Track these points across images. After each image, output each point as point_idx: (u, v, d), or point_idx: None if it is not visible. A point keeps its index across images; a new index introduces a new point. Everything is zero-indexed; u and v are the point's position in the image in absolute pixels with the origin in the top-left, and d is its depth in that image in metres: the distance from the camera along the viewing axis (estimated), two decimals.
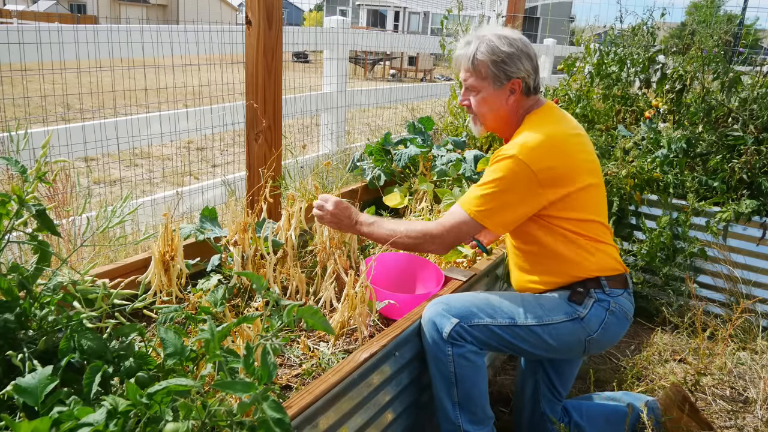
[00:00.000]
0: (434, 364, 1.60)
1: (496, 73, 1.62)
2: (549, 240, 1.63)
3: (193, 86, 3.21)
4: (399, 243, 1.69)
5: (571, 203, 1.59)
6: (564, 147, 1.59)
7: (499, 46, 1.61)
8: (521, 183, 1.54)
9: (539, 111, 1.67)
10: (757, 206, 2.65)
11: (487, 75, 1.64)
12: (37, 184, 1.19)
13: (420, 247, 1.72)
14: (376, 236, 1.72)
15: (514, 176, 1.54)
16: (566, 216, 1.60)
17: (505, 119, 1.70)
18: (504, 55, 1.61)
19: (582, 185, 1.59)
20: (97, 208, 2.50)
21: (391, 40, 6.10)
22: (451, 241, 1.65)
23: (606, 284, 1.62)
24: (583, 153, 1.64)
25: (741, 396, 2.18)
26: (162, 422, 0.94)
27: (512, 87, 1.65)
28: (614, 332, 1.63)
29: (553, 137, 1.58)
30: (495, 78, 1.63)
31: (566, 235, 1.61)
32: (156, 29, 2.74)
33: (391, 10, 30.18)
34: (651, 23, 3.61)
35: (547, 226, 1.62)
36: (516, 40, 1.64)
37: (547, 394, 1.82)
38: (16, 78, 2.52)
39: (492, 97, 1.66)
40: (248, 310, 1.80)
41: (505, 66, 1.62)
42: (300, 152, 3.01)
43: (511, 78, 1.63)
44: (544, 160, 1.54)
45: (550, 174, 1.54)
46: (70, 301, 1.21)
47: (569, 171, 1.57)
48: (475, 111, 1.71)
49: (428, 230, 1.65)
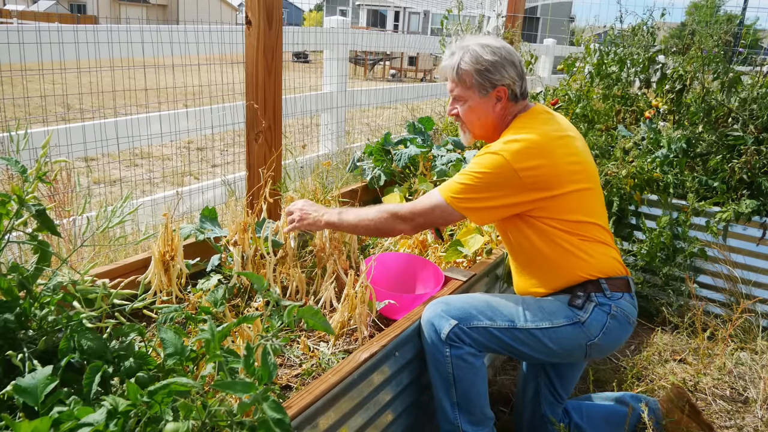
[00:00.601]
0: (433, 365, 1.60)
1: (481, 81, 1.65)
2: (544, 241, 1.62)
3: (193, 86, 3.21)
4: (370, 225, 1.69)
5: (561, 205, 1.59)
6: (547, 148, 1.58)
7: (482, 55, 1.64)
8: (502, 179, 1.55)
9: (525, 114, 1.68)
10: (757, 206, 2.65)
11: (472, 84, 1.66)
12: (37, 184, 1.19)
13: (388, 227, 1.69)
14: (347, 223, 1.72)
15: (497, 172, 1.55)
16: (558, 217, 1.59)
17: (493, 126, 1.71)
18: (488, 64, 1.63)
19: (573, 188, 1.59)
20: (97, 208, 2.50)
21: (391, 40, 6.10)
22: (421, 223, 1.65)
23: (607, 287, 1.61)
24: (571, 155, 1.62)
25: (741, 396, 2.18)
26: (162, 422, 0.94)
27: (498, 95, 1.66)
28: (616, 337, 1.61)
29: (536, 138, 1.58)
30: (480, 87, 1.65)
31: (560, 236, 1.60)
32: (156, 29, 2.74)
33: (391, 10, 30.18)
34: (651, 23, 3.61)
35: (540, 227, 1.61)
36: (499, 48, 1.66)
37: (549, 397, 1.82)
38: (16, 78, 2.52)
39: (478, 106, 1.68)
40: (248, 310, 1.80)
41: (489, 74, 1.64)
42: (300, 152, 3.01)
43: (496, 86, 1.65)
44: (526, 160, 1.54)
45: (533, 173, 1.54)
46: (70, 301, 1.21)
47: (553, 172, 1.57)
48: (464, 120, 1.73)
49: (397, 210, 1.66)
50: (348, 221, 1.72)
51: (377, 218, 1.68)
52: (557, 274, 1.64)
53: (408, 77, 16.98)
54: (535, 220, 1.61)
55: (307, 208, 1.79)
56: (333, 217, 1.74)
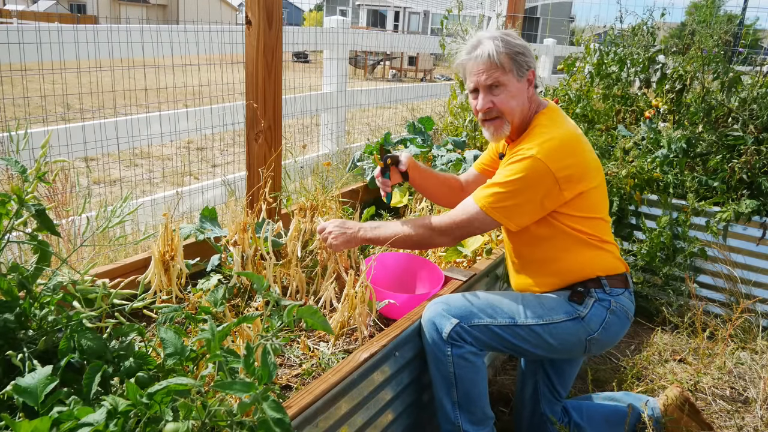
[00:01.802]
0: (434, 364, 1.60)
1: (519, 64, 1.63)
2: (553, 239, 1.63)
3: (193, 86, 3.21)
4: (408, 241, 1.69)
5: (582, 202, 1.60)
6: (577, 146, 1.61)
7: (512, 41, 1.64)
8: (541, 183, 1.55)
9: (547, 111, 1.68)
10: (757, 206, 2.65)
11: (510, 68, 1.63)
12: (37, 184, 1.19)
13: (427, 241, 1.71)
14: (384, 238, 1.72)
15: (535, 176, 1.54)
16: (575, 214, 1.61)
17: (526, 114, 1.69)
18: (519, 48, 1.64)
19: (594, 184, 1.62)
20: (97, 208, 2.50)
21: (391, 40, 6.11)
22: (459, 235, 1.66)
23: (606, 284, 1.63)
24: (591, 152, 1.67)
25: (741, 396, 2.18)
26: (162, 422, 0.94)
27: (529, 78, 1.67)
28: (615, 332, 1.64)
29: (567, 137, 1.60)
30: (519, 69, 1.64)
31: (571, 234, 1.62)
32: (156, 29, 2.74)
33: (391, 10, 30.17)
34: (651, 23, 3.61)
35: (552, 224, 1.62)
36: (516, 36, 1.68)
37: (547, 395, 1.82)
38: (16, 78, 2.52)
39: (517, 90, 1.65)
40: (248, 310, 1.80)
41: (524, 57, 1.64)
42: (300, 152, 3.01)
43: (530, 68, 1.66)
44: (562, 159, 1.55)
45: (567, 173, 1.55)
46: (70, 301, 1.21)
47: (583, 170, 1.59)
48: (503, 109, 1.65)
49: (436, 225, 1.66)
50: (385, 236, 1.71)
51: (416, 234, 1.68)
52: (561, 273, 1.66)
53: (408, 77, 16.98)
54: (551, 218, 1.62)
55: (341, 228, 1.75)
56: (368, 233, 1.73)
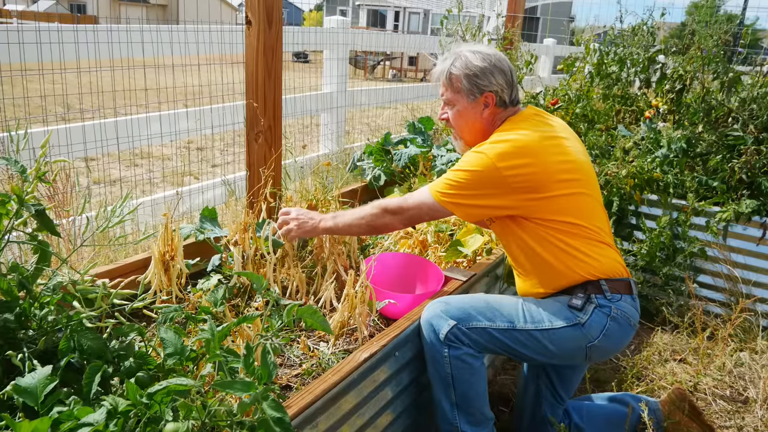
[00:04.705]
0: (432, 365, 1.60)
1: (470, 86, 1.69)
2: (537, 242, 1.62)
3: (193, 86, 3.21)
4: (362, 224, 1.74)
5: (551, 206, 1.58)
6: (534, 148, 1.59)
7: (472, 61, 1.68)
8: (486, 178, 1.57)
9: (515, 117, 1.71)
10: (757, 206, 2.65)
11: (460, 89, 1.70)
12: (37, 184, 1.19)
13: (380, 222, 1.74)
14: (343, 224, 1.77)
15: (480, 170, 1.57)
16: (549, 218, 1.59)
17: (482, 131, 1.73)
18: (477, 69, 1.67)
19: (565, 191, 1.58)
20: (97, 208, 2.50)
21: (391, 40, 6.11)
22: (409, 217, 1.71)
23: (607, 289, 1.59)
24: (561, 155, 1.62)
25: (741, 396, 2.18)
26: (162, 422, 0.94)
27: (486, 100, 1.69)
28: (617, 339, 1.60)
29: (522, 138, 1.59)
30: (468, 91, 1.69)
31: (553, 235, 1.60)
32: (156, 29, 2.74)
33: (391, 10, 30.16)
34: (651, 23, 3.61)
35: (531, 228, 1.61)
36: (490, 55, 1.70)
37: (549, 398, 1.81)
38: (16, 78, 2.52)
39: (466, 110, 1.72)
40: (248, 310, 1.80)
41: (477, 80, 1.68)
42: (300, 152, 3.01)
43: (483, 91, 1.68)
44: (509, 159, 1.56)
45: (517, 172, 1.55)
46: (70, 301, 1.21)
47: (541, 172, 1.57)
48: (453, 124, 1.77)
49: (387, 205, 1.72)
50: (344, 223, 1.77)
51: (369, 214, 1.73)
52: (555, 273, 1.63)
53: (408, 77, 16.99)
54: (526, 221, 1.62)
55: (303, 216, 1.81)
56: (329, 222, 1.79)
